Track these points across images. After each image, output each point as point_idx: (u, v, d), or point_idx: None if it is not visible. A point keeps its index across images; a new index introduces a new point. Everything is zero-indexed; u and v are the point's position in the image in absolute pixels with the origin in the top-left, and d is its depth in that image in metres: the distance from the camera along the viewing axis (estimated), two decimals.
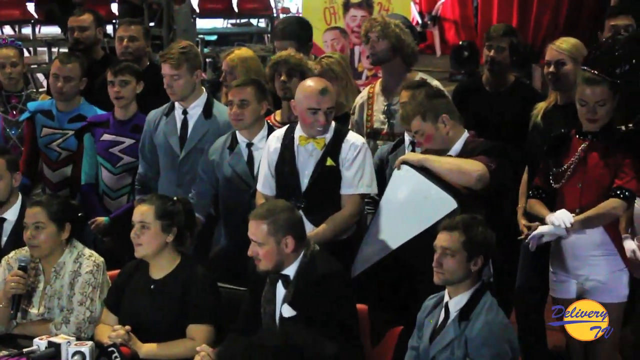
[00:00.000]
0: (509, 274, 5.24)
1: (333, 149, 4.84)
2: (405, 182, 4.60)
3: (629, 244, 4.73)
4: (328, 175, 4.82)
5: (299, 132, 4.89)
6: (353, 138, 4.90)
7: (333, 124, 4.91)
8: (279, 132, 5.01)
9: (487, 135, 5.10)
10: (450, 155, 4.65)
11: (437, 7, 14.89)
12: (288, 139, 4.92)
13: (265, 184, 4.95)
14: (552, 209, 4.69)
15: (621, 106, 4.70)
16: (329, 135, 4.86)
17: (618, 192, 4.50)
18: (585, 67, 4.63)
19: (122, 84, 5.75)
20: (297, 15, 11.73)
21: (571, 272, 4.64)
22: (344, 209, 4.82)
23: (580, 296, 4.63)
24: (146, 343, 4.32)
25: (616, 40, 4.79)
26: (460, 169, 4.54)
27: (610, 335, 4.59)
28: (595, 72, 4.56)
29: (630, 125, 4.61)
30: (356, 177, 4.81)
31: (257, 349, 1.96)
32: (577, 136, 4.66)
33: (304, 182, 4.84)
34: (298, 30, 6.46)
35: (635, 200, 4.70)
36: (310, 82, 4.87)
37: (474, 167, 4.52)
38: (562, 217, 4.52)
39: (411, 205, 4.57)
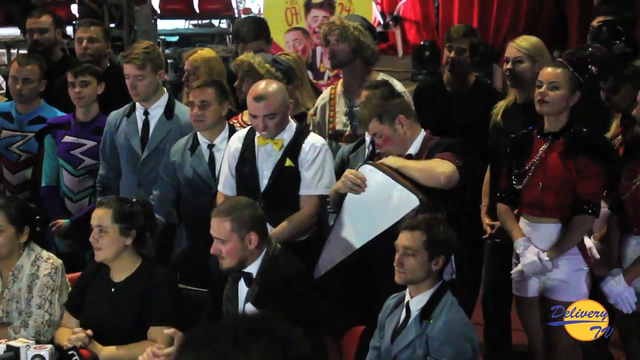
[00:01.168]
0: (471, 272, 5.28)
1: (292, 149, 4.84)
2: (369, 182, 4.61)
3: (586, 242, 4.77)
4: (287, 176, 4.82)
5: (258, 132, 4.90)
6: (313, 139, 4.91)
7: (294, 125, 4.91)
8: (242, 132, 5.01)
9: (448, 135, 5.12)
10: (410, 154, 4.66)
11: (399, 8, 14.94)
12: (249, 139, 4.92)
13: (226, 185, 4.95)
14: (514, 209, 4.73)
15: (581, 109, 4.74)
16: (288, 136, 4.86)
17: (586, 207, 4.53)
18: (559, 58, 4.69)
19: (82, 85, 5.71)
20: (254, 15, 11.73)
21: None
22: (303, 209, 4.83)
23: (542, 295, 4.66)
24: (107, 346, 4.30)
25: (591, 45, 4.83)
26: (430, 171, 4.53)
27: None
28: (562, 59, 4.61)
29: (591, 129, 4.65)
30: (315, 178, 4.81)
31: (229, 329, 1.96)
32: (539, 137, 4.69)
33: (263, 182, 4.84)
34: (263, 29, 6.48)
35: None
36: (254, 86, 4.89)
37: (443, 168, 4.52)
38: (533, 263, 4.56)
39: (374, 205, 4.57)
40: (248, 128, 5.03)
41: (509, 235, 4.71)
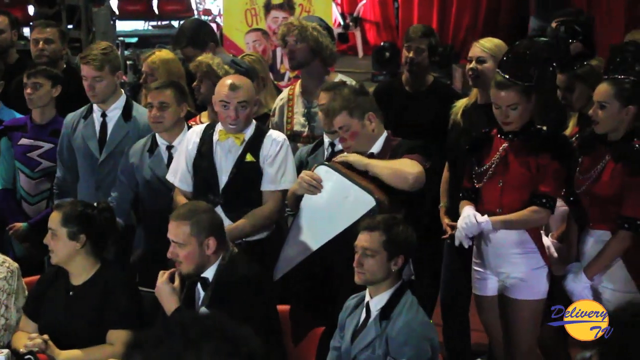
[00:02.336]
0: (430, 272, 5.30)
1: (253, 144, 4.84)
2: (325, 183, 4.61)
3: (544, 241, 4.81)
4: (247, 172, 4.81)
5: (219, 127, 4.88)
6: (274, 134, 4.92)
7: (254, 122, 4.90)
8: (199, 128, 5.00)
9: (407, 135, 5.13)
10: (372, 153, 4.66)
11: (359, 9, 14.98)
12: (207, 135, 4.90)
13: (182, 180, 4.93)
14: (476, 207, 4.75)
15: (540, 108, 4.77)
16: (249, 132, 4.85)
17: (544, 201, 4.57)
18: (499, 70, 4.69)
19: (34, 87, 5.66)
20: (194, 18, 11.68)
21: (492, 269, 4.69)
22: (266, 205, 4.82)
23: (501, 293, 4.69)
24: (65, 350, 4.26)
25: (531, 42, 4.85)
26: (399, 171, 4.53)
27: (530, 331, 4.67)
28: (507, 76, 4.62)
29: (550, 128, 4.68)
30: (279, 174, 4.81)
31: (178, 328, 1.97)
32: (499, 135, 4.72)
33: (222, 178, 4.82)
34: (198, 34, 6.43)
35: None
36: (226, 78, 4.90)
37: (411, 169, 4.53)
38: (467, 217, 4.58)
39: (331, 206, 4.57)
40: (206, 124, 5.02)
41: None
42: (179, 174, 4.94)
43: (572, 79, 5.00)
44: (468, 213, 4.60)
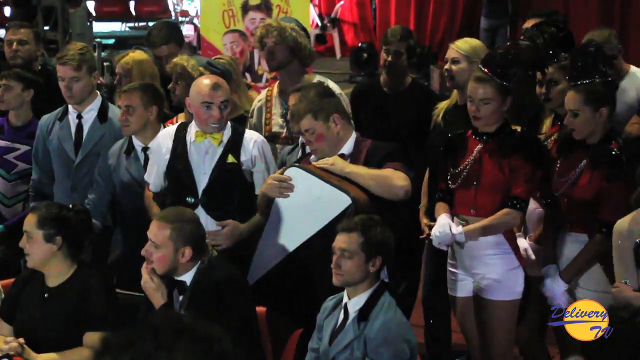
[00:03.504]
0: (410, 273, 5.30)
1: (233, 146, 4.82)
2: (296, 182, 4.58)
3: (521, 243, 4.81)
4: (229, 173, 4.80)
5: (194, 128, 4.85)
6: (252, 135, 4.92)
7: (229, 123, 4.89)
8: (170, 130, 4.97)
9: (385, 135, 5.13)
10: (343, 154, 4.63)
11: (336, 10, 14.99)
12: (180, 136, 4.88)
13: (157, 184, 4.91)
14: (451, 208, 4.75)
15: (515, 109, 4.79)
16: (227, 132, 4.84)
17: (515, 202, 4.57)
18: (480, 66, 4.71)
19: (5, 89, 5.63)
20: (166, 20, 11.65)
21: (468, 270, 4.70)
22: None
23: (477, 294, 4.69)
24: (41, 353, 4.23)
25: (515, 45, 4.86)
26: (388, 183, 4.51)
27: (505, 332, 4.68)
28: (486, 70, 4.64)
29: (518, 128, 4.69)
30: (271, 172, 4.81)
31: (149, 328, 1.96)
32: (474, 137, 4.72)
33: (201, 179, 4.80)
34: (173, 33, 6.45)
35: None
36: (202, 78, 4.88)
37: (402, 182, 4.53)
38: (442, 226, 4.58)
39: (305, 206, 4.55)
40: (176, 125, 4.99)
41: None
42: (152, 178, 4.93)
43: (558, 71, 4.98)
44: (443, 222, 4.59)
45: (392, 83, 5.74)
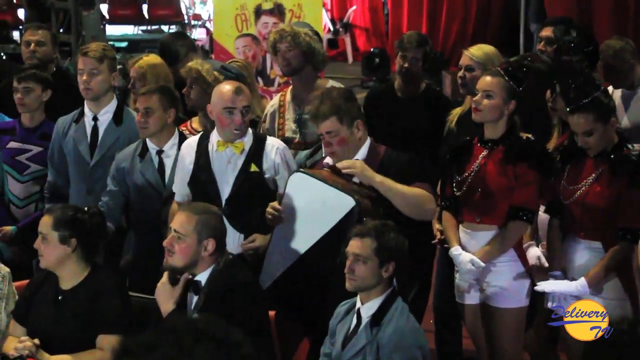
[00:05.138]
0: (421, 278, 5.29)
1: (255, 154, 4.82)
2: (301, 188, 4.57)
3: (534, 251, 4.81)
4: (252, 182, 4.80)
5: (216, 137, 4.85)
6: (273, 141, 4.92)
7: (250, 129, 4.89)
8: (192, 141, 4.96)
9: (399, 141, 5.12)
10: (357, 160, 4.60)
11: (349, 15, 14.99)
12: (203, 147, 4.88)
13: (183, 196, 4.90)
14: (456, 216, 4.75)
15: (526, 118, 4.78)
16: (248, 140, 4.84)
17: (521, 214, 4.57)
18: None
19: (25, 92, 5.65)
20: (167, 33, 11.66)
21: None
22: None
23: (484, 302, 4.69)
24: (54, 355, 4.24)
25: (535, 56, 4.87)
26: (418, 205, 4.52)
27: (513, 339, 4.67)
28: (499, 68, 4.65)
29: (529, 135, 4.68)
30: None
31: (171, 332, 1.96)
32: (479, 144, 4.72)
33: (225, 189, 4.79)
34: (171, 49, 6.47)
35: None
36: (224, 84, 4.87)
37: (430, 205, 4.57)
38: (466, 267, 4.59)
39: (311, 211, 4.53)
40: (199, 136, 4.98)
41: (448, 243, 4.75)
42: (181, 190, 4.92)
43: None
44: (464, 260, 4.59)
45: (407, 89, 5.74)
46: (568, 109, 4.59)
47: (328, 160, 4.70)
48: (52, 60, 6.42)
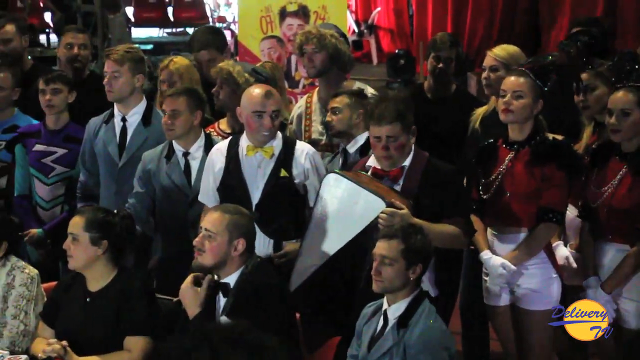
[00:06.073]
0: (448, 281, 5.28)
1: (285, 159, 4.81)
2: (335, 191, 4.56)
3: (562, 251, 4.79)
4: (281, 187, 4.78)
5: (245, 142, 4.84)
6: (303, 146, 4.91)
7: (279, 133, 4.88)
8: (222, 146, 4.95)
9: (429, 142, 5.10)
10: (404, 166, 4.54)
11: (373, 16, 14.97)
12: (233, 152, 4.87)
13: (211, 200, 4.88)
14: (483, 219, 4.73)
15: (553, 119, 4.76)
16: (277, 145, 4.83)
17: (551, 216, 4.55)
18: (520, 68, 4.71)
19: (53, 93, 5.68)
20: (207, 25, 11.69)
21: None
22: None
23: (514, 304, 4.67)
24: (83, 356, 4.26)
25: (560, 55, 4.85)
26: (451, 243, 4.56)
27: (543, 341, 4.65)
28: (523, 68, 4.63)
29: (556, 136, 4.66)
30: None
31: (205, 339, 1.96)
32: (504, 146, 4.70)
33: (255, 194, 4.79)
34: (213, 38, 6.46)
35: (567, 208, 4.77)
36: (254, 87, 4.86)
37: (463, 240, 4.58)
38: (497, 271, 4.59)
39: (342, 213, 4.52)
40: (228, 140, 4.98)
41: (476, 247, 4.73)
42: (210, 195, 4.91)
43: (594, 77, 4.95)
44: (494, 264, 4.60)
45: (439, 90, 5.74)
46: (616, 84, 4.59)
47: (372, 162, 4.64)
48: (88, 64, 6.48)
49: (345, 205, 4.51)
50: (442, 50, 5.70)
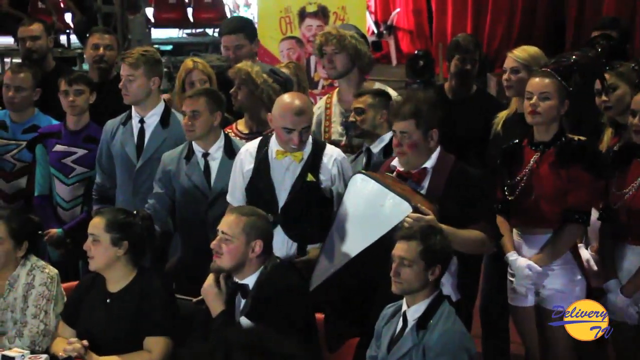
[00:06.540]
0: (468, 283, 5.26)
1: (313, 163, 4.79)
2: (361, 192, 4.56)
3: (583, 254, 4.77)
4: (307, 191, 4.77)
5: (275, 145, 4.82)
6: (332, 151, 4.88)
7: (310, 137, 4.86)
8: (251, 147, 4.92)
9: (450, 143, 5.09)
10: (426, 168, 4.53)
11: (392, 17, 14.94)
12: (262, 152, 4.86)
13: (240, 201, 4.87)
14: (509, 220, 4.71)
15: (572, 118, 4.74)
16: (307, 149, 4.81)
17: (577, 217, 4.53)
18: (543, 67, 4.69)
19: (76, 94, 5.70)
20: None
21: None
22: None
23: (538, 304, 4.66)
24: (102, 356, 4.28)
25: (580, 53, 4.82)
26: (476, 249, 4.56)
27: (567, 342, 4.63)
28: (548, 69, 4.61)
29: (581, 137, 4.64)
30: None
31: (223, 345, 1.96)
32: (529, 147, 4.69)
33: (282, 196, 4.78)
34: (245, 24, 6.43)
35: None
36: (287, 100, 4.77)
37: (489, 245, 4.55)
38: (524, 272, 4.58)
39: (367, 214, 4.51)
40: (258, 141, 4.95)
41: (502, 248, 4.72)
42: (237, 195, 4.90)
43: (616, 77, 4.93)
44: (520, 265, 4.59)
45: (460, 91, 5.73)
46: None
47: (395, 163, 4.64)
48: (114, 65, 6.49)
49: (371, 207, 4.50)
50: (468, 52, 5.69)
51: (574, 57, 4.68)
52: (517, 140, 4.77)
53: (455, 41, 5.86)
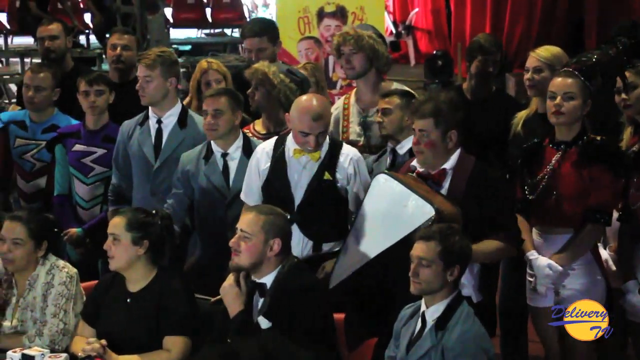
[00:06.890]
0: (486, 284, 5.25)
1: (330, 162, 4.80)
2: (384, 192, 4.56)
3: (602, 254, 4.75)
4: (324, 190, 4.78)
5: (291, 144, 4.83)
6: (348, 151, 4.88)
7: (327, 136, 4.86)
8: (268, 146, 4.93)
9: (469, 143, 5.08)
10: (445, 169, 4.54)
11: (411, 17, 14.94)
12: (278, 151, 4.87)
13: (256, 201, 4.88)
14: (529, 219, 4.70)
15: (593, 117, 4.73)
16: (324, 148, 4.81)
17: (599, 217, 4.52)
18: (566, 68, 4.67)
19: (97, 94, 5.72)
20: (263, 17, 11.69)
21: None
22: None
23: (558, 304, 4.64)
24: (122, 355, 4.29)
25: (602, 53, 4.80)
26: (496, 259, 4.65)
27: (587, 342, 4.61)
28: (571, 69, 4.59)
29: (603, 137, 4.62)
30: (364, 189, 4.77)
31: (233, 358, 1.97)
32: (550, 146, 4.67)
33: (298, 195, 4.79)
34: (267, 27, 6.42)
35: None
36: (306, 103, 4.78)
37: (509, 253, 4.59)
38: (544, 271, 4.57)
39: (390, 215, 4.51)
40: (274, 140, 4.96)
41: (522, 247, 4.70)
42: (253, 194, 4.91)
43: (635, 76, 4.91)
44: (541, 264, 4.57)
45: (480, 91, 5.71)
46: None
47: (415, 163, 4.64)
48: (134, 66, 6.50)
49: (393, 207, 4.49)
50: (490, 53, 5.67)
51: (595, 56, 4.65)
52: (537, 140, 4.75)
53: (477, 42, 5.82)
